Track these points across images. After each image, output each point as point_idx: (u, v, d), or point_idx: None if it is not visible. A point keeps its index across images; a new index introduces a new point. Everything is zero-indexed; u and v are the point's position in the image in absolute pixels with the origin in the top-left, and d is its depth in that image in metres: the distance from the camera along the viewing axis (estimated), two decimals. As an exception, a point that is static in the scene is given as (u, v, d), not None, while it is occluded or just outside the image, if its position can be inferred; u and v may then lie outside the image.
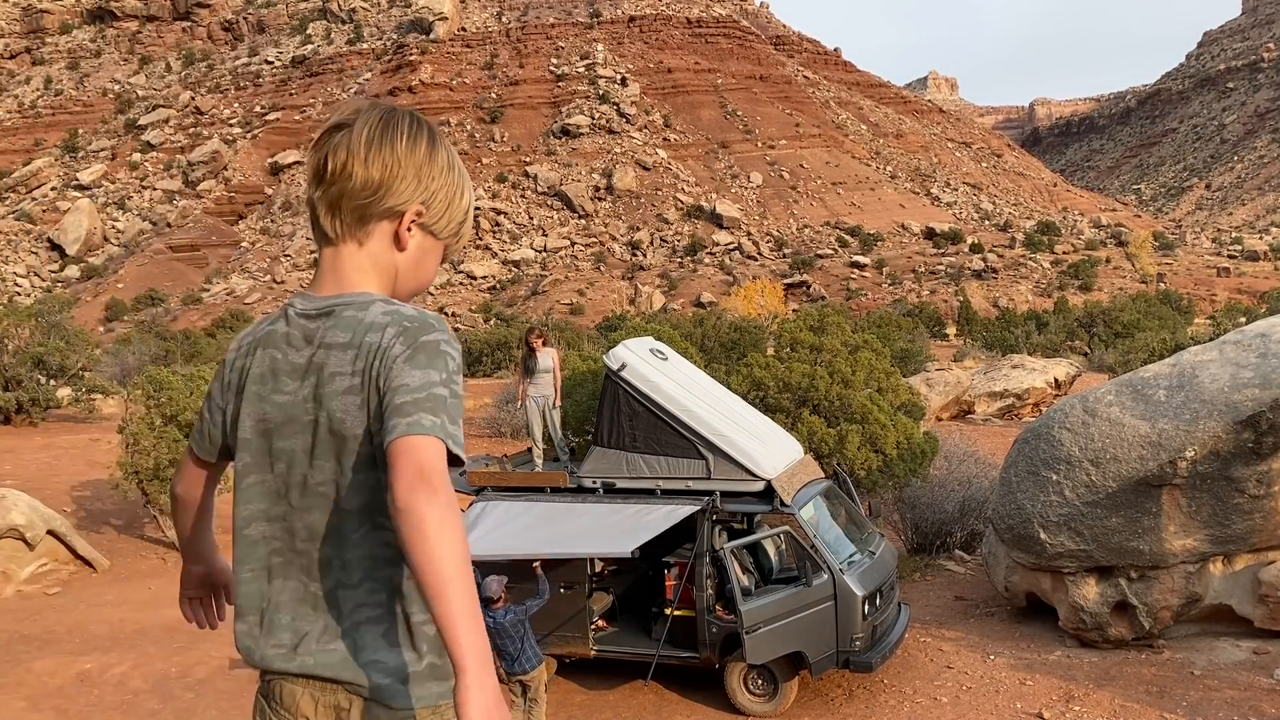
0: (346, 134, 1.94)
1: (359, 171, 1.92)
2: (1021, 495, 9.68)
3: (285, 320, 1.97)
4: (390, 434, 1.73)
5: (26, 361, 23.66)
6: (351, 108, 2.00)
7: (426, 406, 1.76)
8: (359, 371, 1.85)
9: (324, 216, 1.95)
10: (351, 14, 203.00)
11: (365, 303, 1.92)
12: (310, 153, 1.98)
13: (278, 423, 1.94)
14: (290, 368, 1.94)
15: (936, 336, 70.38)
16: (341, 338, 1.88)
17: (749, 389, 13.59)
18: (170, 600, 12.12)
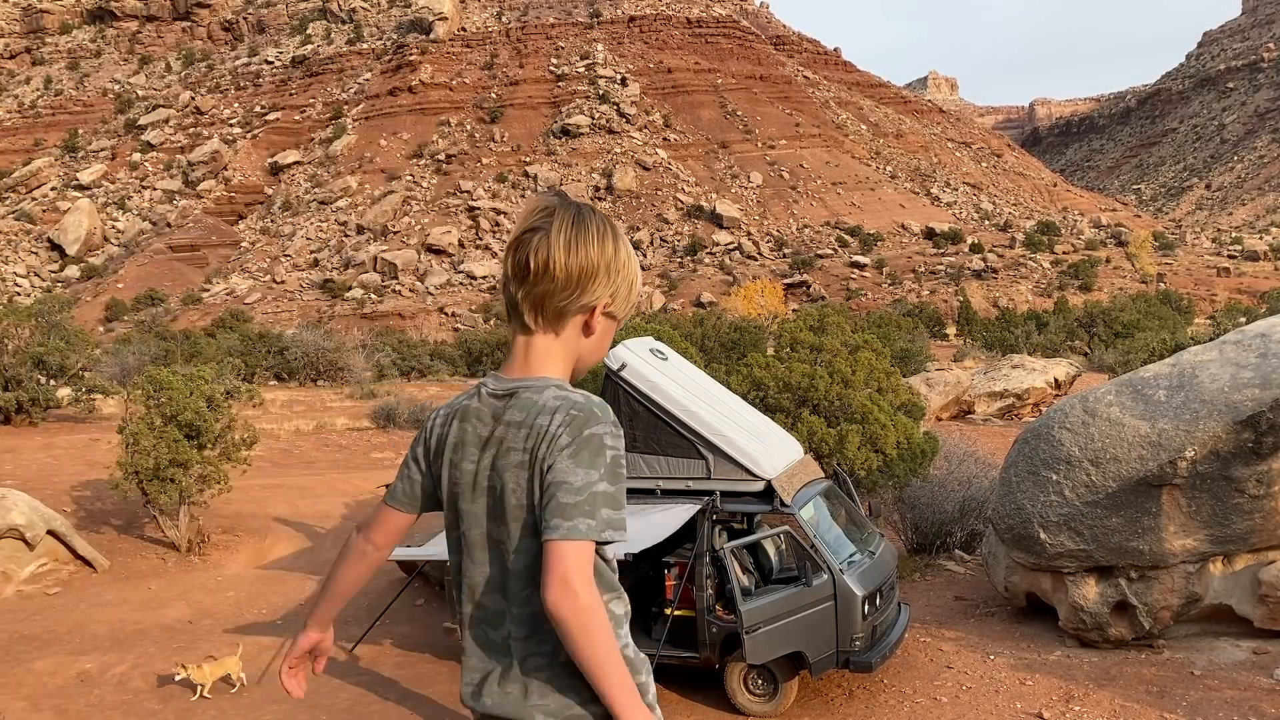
0: (544, 236, 2.18)
1: (560, 273, 2.17)
2: (1021, 495, 9.68)
3: (478, 397, 2.28)
4: (550, 532, 2.04)
5: (26, 361, 23.66)
6: (541, 208, 2.24)
7: (585, 509, 2.04)
8: (528, 450, 2.13)
9: (527, 313, 2.22)
10: (351, 14, 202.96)
11: (541, 387, 2.19)
12: (509, 252, 2.23)
13: (464, 487, 2.25)
14: (477, 439, 2.23)
15: (936, 336, 70.37)
16: (518, 417, 2.17)
17: (749, 389, 13.59)
18: (170, 600, 12.13)
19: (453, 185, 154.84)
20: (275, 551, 14.32)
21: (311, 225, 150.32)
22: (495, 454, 2.18)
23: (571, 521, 2.03)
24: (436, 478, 2.33)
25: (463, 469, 2.24)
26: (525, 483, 2.13)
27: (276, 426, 24.81)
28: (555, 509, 2.04)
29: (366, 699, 9.21)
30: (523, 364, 2.24)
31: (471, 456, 2.23)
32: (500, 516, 2.18)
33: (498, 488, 2.18)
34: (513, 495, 2.15)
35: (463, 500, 2.25)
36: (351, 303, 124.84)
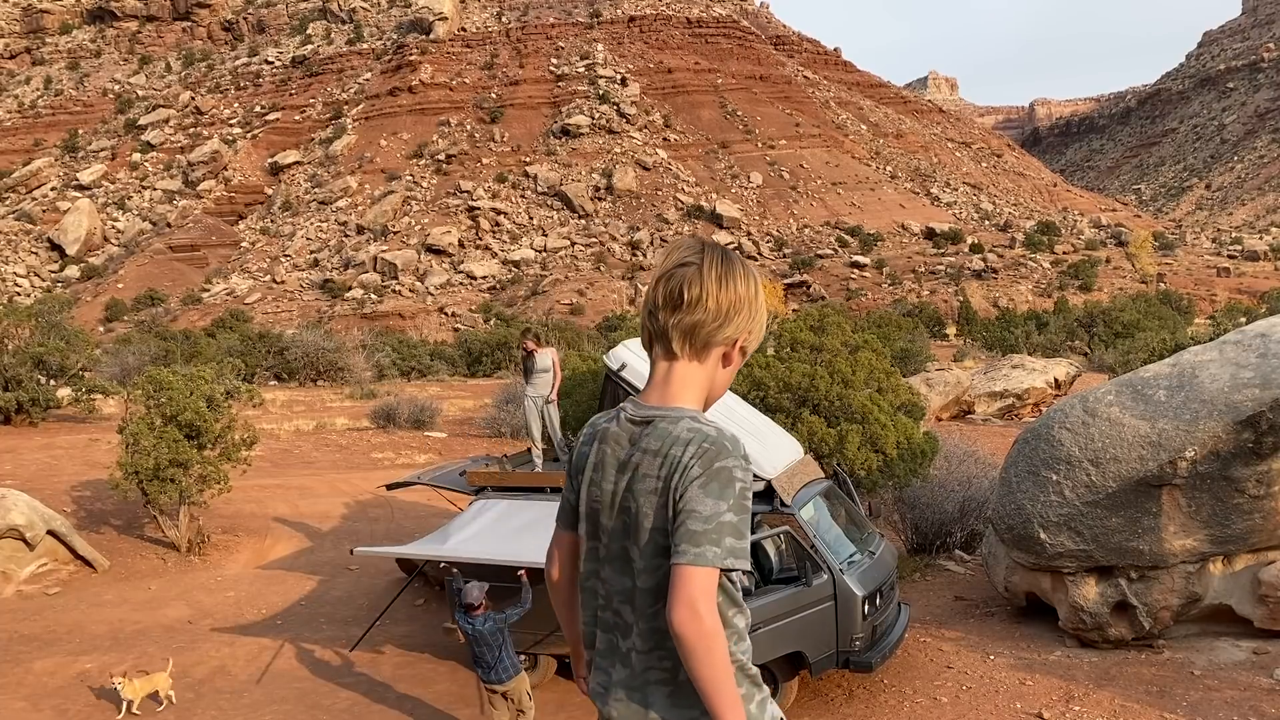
0: (697, 269, 2.34)
1: (712, 305, 2.33)
2: (1021, 495, 9.68)
3: (617, 421, 2.43)
4: (678, 557, 2.19)
5: (26, 361, 23.66)
6: (690, 246, 2.41)
7: (713, 537, 2.18)
8: (662, 478, 2.28)
9: (676, 340, 2.36)
10: (351, 14, 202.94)
11: (676, 417, 2.33)
12: (658, 283, 2.38)
13: (604, 505, 2.41)
14: (615, 462, 2.39)
15: (936, 336, 70.36)
16: (654, 445, 2.32)
17: (749, 389, 13.58)
18: (170, 600, 12.13)
19: (453, 185, 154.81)
20: (275, 551, 14.32)
21: (311, 225, 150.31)
22: (631, 478, 2.34)
23: (699, 548, 2.17)
24: (578, 493, 2.50)
25: (603, 488, 2.41)
26: (659, 508, 2.29)
27: (276, 426, 24.81)
28: (685, 535, 2.20)
29: (366, 699, 9.21)
30: (661, 391, 2.39)
31: (610, 477, 2.40)
32: (633, 536, 2.34)
33: (632, 509, 2.34)
34: (646, 519, 2.31)
35: (603, 516, 2.42)
36: (351, 303, 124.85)
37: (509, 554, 8.49)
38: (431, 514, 15.64)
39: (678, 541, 2.20)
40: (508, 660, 7.76)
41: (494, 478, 10.12)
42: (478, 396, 33.09)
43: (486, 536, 9.06)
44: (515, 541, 8.84)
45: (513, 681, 7.77)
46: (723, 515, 2.20)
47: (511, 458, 11.12)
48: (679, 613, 2.13)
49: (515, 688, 7.78)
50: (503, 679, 7.72)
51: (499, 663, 7.73)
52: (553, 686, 9.35)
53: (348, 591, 12.46)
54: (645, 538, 2.31)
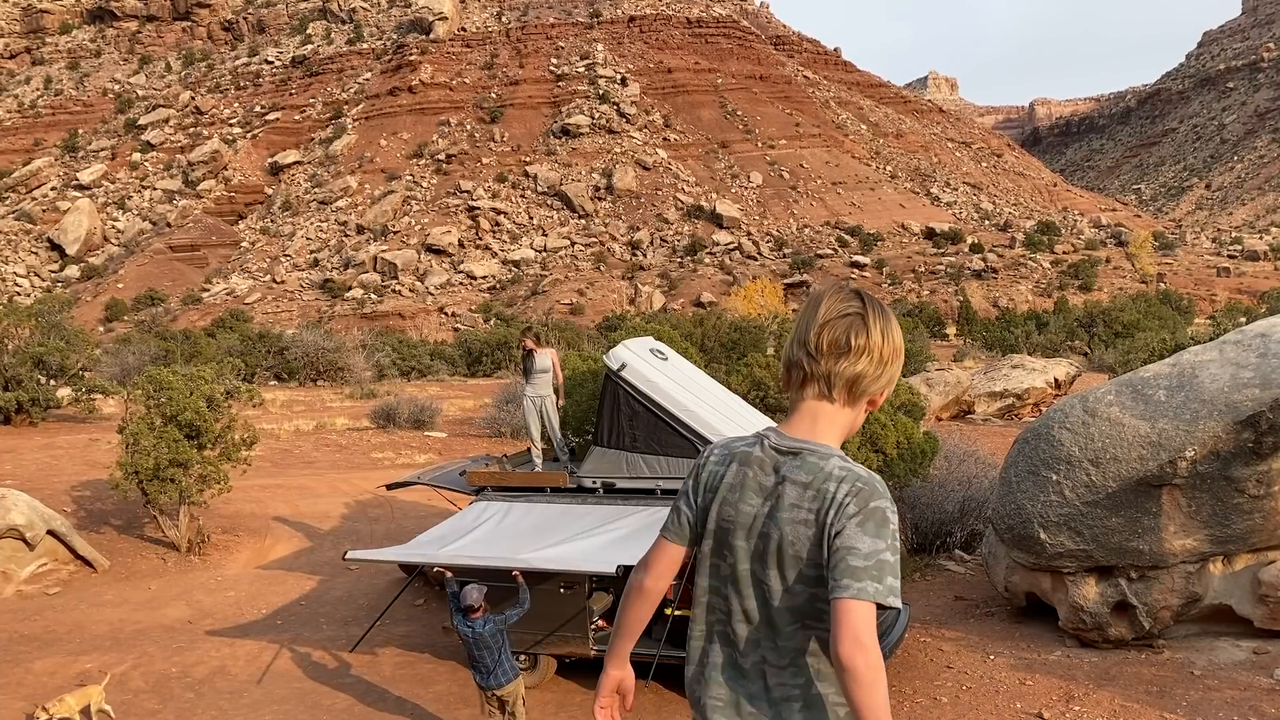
0: (860, 320, 2.45)
1: (875, 355, 2.45)
2: (1021, 495, 9.68)
3: (760, 447, 2.50)
4: (841, 591, 2.26)
5: (26, 361, 23.66)
6: (852, 298, 2.49)
7: (873, 574, 2.27)
8: (814, 511, 2.36)
9: (837, 387, 2.45)
10: (351, 14, 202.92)
11: (826, 454, 2.43)
12: (819, 330, 2.45)
13: (736, 524, 2.47)
14: (757, 486, 2.46)
15: (936, 336, 70.36)
16: (803, 478, 2.40)
17: (749, 389, 13.59)
18: (170, 600, 12.13)
19: (453, 185, 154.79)
20: (275, 551, 14.32)
21: (311, 225, 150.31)
22: (775, 505, 2.42)
23: (861, 584, 2.26)
24: (704, 510, 2.55)
25: (739, 509, 2.48)
26: (808, 539, 2.37)
27: (276, 426, 24.81)
28: (846, 571, 2.28)
29: (366, 699, 9.21)
30: (807, 426, 2.48)
31: (751, 501, 2.47)
32: (769, 560, 2.42)
33: (774, 536, 2.41)
34: (790, 546, 2.40)
35: (734, 536, 2.48)
36: (351, 303, 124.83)
37: (503, 557, 8.43)
38: (431, 514, 15.64)
39: (839, 576, 2.28)
40: (507, 663, 7.69)
41: (494, 478, 10.13)
42: (478, 396, 33.10)
43: (482, 539, 9.05)
44: (510, 543, 8.81)
45: (511, 685, 7.71)
46: (882, 554, 2.29)
47: (511, 458, 11.12)
48: (846, 646, 2.22)
49: (512, 691, 7.72)
50: (501, 683, 7.65)
51: (498, 666, 7.66)
52: (553, 686, 9.35)
53: (348, 591, 12.46)
54: (789, 564, 2.40)
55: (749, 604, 2.46)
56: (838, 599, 2.26)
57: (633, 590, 2.66)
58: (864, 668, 2.20)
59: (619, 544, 8.26)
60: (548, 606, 8.99)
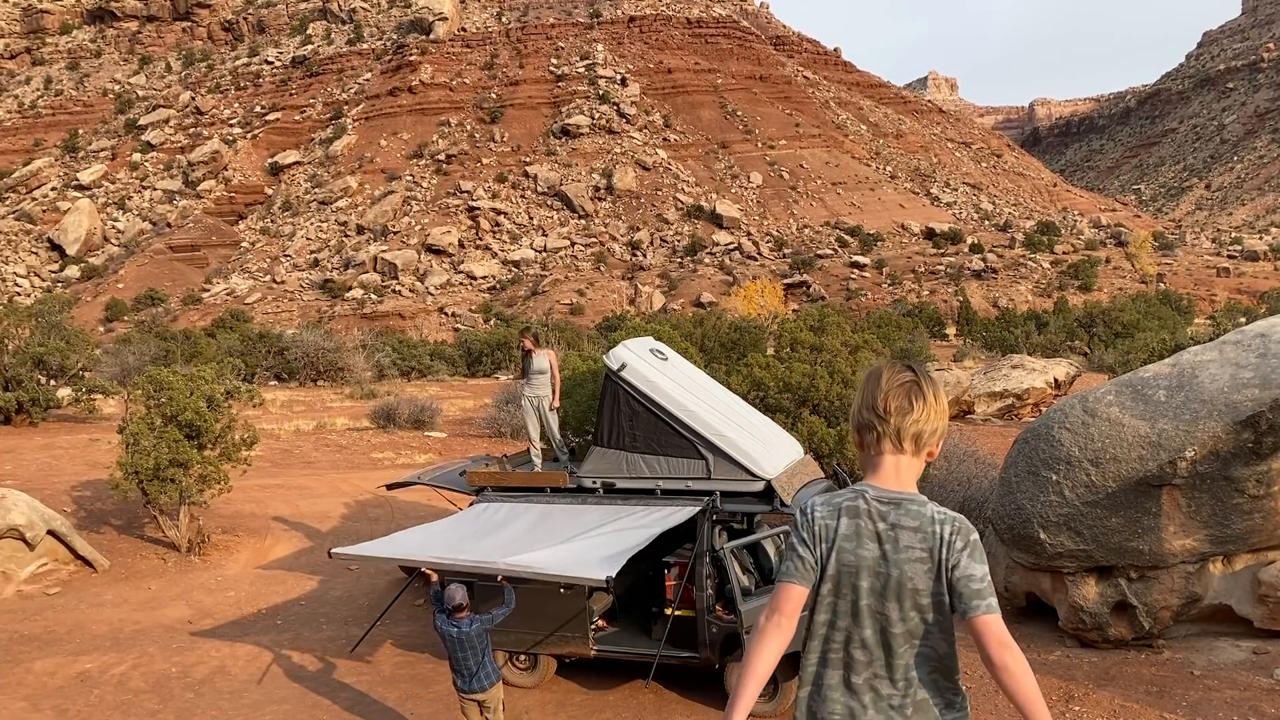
0: (916, 385, 3.02)
1: (934, 413, 3.01)
2: (1021, 495, 9.68)
3: (864, 500, 2.96)
4: (974, 611, 2.80)
5: (27, 361, 23.67)
6: (905, 368, 3.07)
7: (990, 593, 2.83)
8: (927, 550, 2.88)
9: (906, 441, 2.97)
10: (351, 14, 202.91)
11: (922, 501, 2.95)
12: (889, 394, 2.99)
13: (855, 567, 2.92)
14: (871, 533, 2.93)
15: (936, 336, 70.38)
16: (911, 523, 2.90)
17: (749, 389, 13.59)
18: (170, 600, 12.12)
19: (453, 185, 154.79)
20: (275, 551, 14.32)
21: (311, 225, 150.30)
22: (891, 548, 2.90)
23: (987, 600, 2.81)
24: (823, 557, 2.98)
25: (859, 554, 2.93)
26: (923, 572, 2.88)
27: (276, 426, 24.81)
28: (973, 594, 2.82)
29: (366, 699, 9.21)
30: (895, 479, 2.99)
31: (868, 547, 2.92)
32: (889, 594, 2.90)
33: (891, 574, 2.89)
34: (909, 580, 2.88)
35: (857, 578, 2.93)
36: (351, 303, 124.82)
37: (489, 558, 8.28)
38: (431, 514, 15.64)
39: (969, 599, 2.82)
40: (490, 666, 7.54)
41: (494, 478, 10.13)
42: (478, 396, 33.10)
43: (474, 538, 9.01)
44: (502, 544, 8.75)
45: (493, 689, 7.53)
46: (987, 575, 2.86)
47: (511, 458, 11.12)
48: (996, 650, 2.76)
49: (494, 696, 7.55)
50: (484, 686, 7.47)
51: (481, 669, 7.48)
52: (553, 686, 9.35)
53: (348, 591, 12.46)
54: (906, 596, 2.89)
55: (865, 633, 2.94)
56: (975, 616, 2.80)
57: (766, 633, 2.97)
58: (1014, 662, 2.74)
59: (613, 548, 8.19)
60: (548, 606, 8.98)
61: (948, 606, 2.90)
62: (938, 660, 2.96)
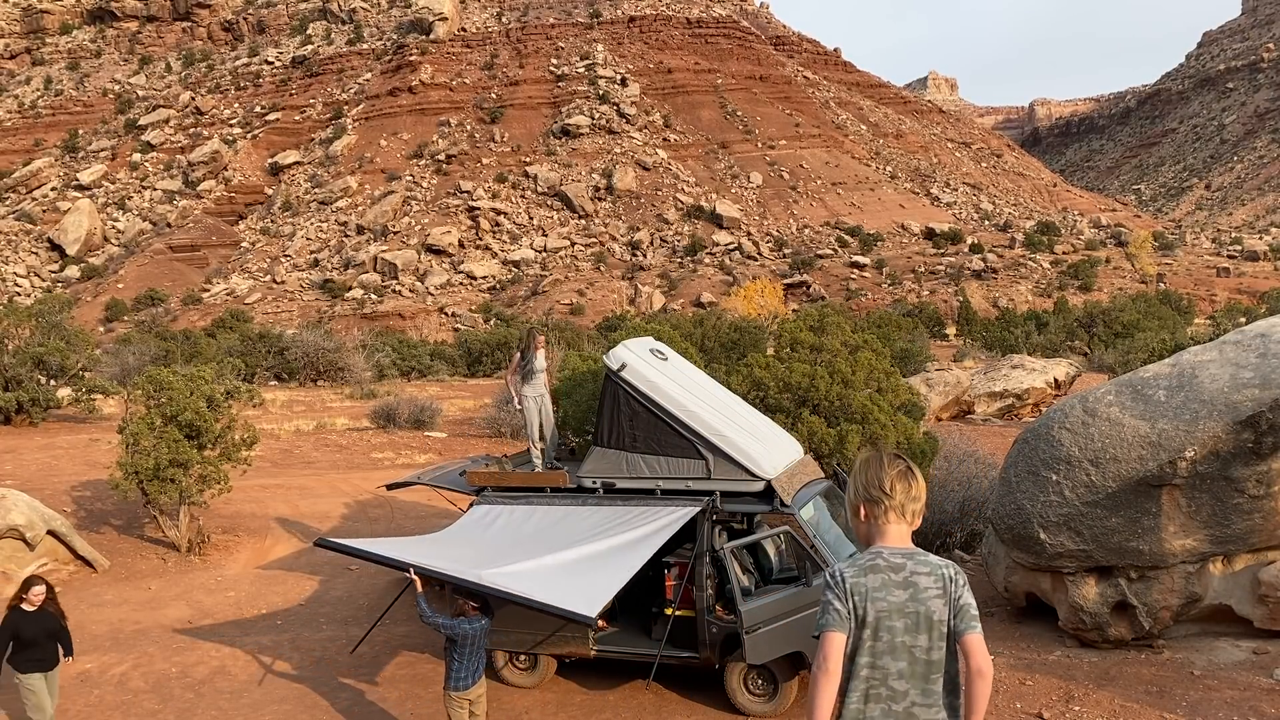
0: (910, 471, 3.72)
1: (924, 492, 3.76)
2: (1021, 495, 9.68)
3: (882, 559, 3.65)
4: (970, 630, 3.61)
5: (27, 361, 23.67)
6: (898, 456, 3.76)
7: (978, 617, 3.66)
8: (941, 588, 3.62)
9: (910, 514, 3.73)
10: (351, 14, 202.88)
11: (925, 553, 3.70)
12: (897, 478, 3.71)
13: (889, 611, 3.59)
14: (894, 582, 3.61)
15: (936, 336, 70.36)
16: (924, 569, 3.64)
17: (749, 389, 13.58)
18: (170, 600, 12.12)
19: (453, 185, 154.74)
20: (275, 551, 14.31)
21: (311, 225, 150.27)
22: (914, 592, 3.60)
23: (977, 623, 3.64)
24: (859, 608, 3.60)
25: (889, 600, 3.59)
26: (941, 606, 3.60)
27: (276, 426, 24.81)
28: (971, 618, 3.62)
29: (366, 699, 9.21)
30: (900, 541, 3.71)
31: (895, 593, 3.60)
32: (920, 628, 3.59)
33: (920, 611, 3.59)
34: (934, 614, 3.60)
35: (890, 620, 3.59)
36: (352, 303, 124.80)
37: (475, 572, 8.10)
38: (431, 514, 15.65)
39: (968, 621, 3.61)
40: (481, 665, 7.70)
41: (494, 478, 10.12)
42: (478, 396, 33.10)
43: (470, 546, 8.97)
44: (497, 554, 8.67)
45: (481, 685, 7.72)
46: (975, 605, 3.68)
47: (511, 458, 11.12)
48: (984, 661, 3.56)
49: (481, 693, 7.73)
50: (476, 682, 7.64)
51: (481, 666, 7.66)
52: (553, 686, 9.35)
53: (348, 591, 12.46)
54: (934, 628, 3.60)
55: (902, 664, 3.59)
56: (970, 634, 3.60)
57: (820, 682, 3.55)
58: (990, 671, 3.58)
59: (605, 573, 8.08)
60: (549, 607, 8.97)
61: (953, 630, 3.63)
62: (950, 680, 3.64)
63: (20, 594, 8.15)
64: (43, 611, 8.12)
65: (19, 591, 8.20)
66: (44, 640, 8.08)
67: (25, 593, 8.12)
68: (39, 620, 8.07)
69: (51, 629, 8.14)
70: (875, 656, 3.59)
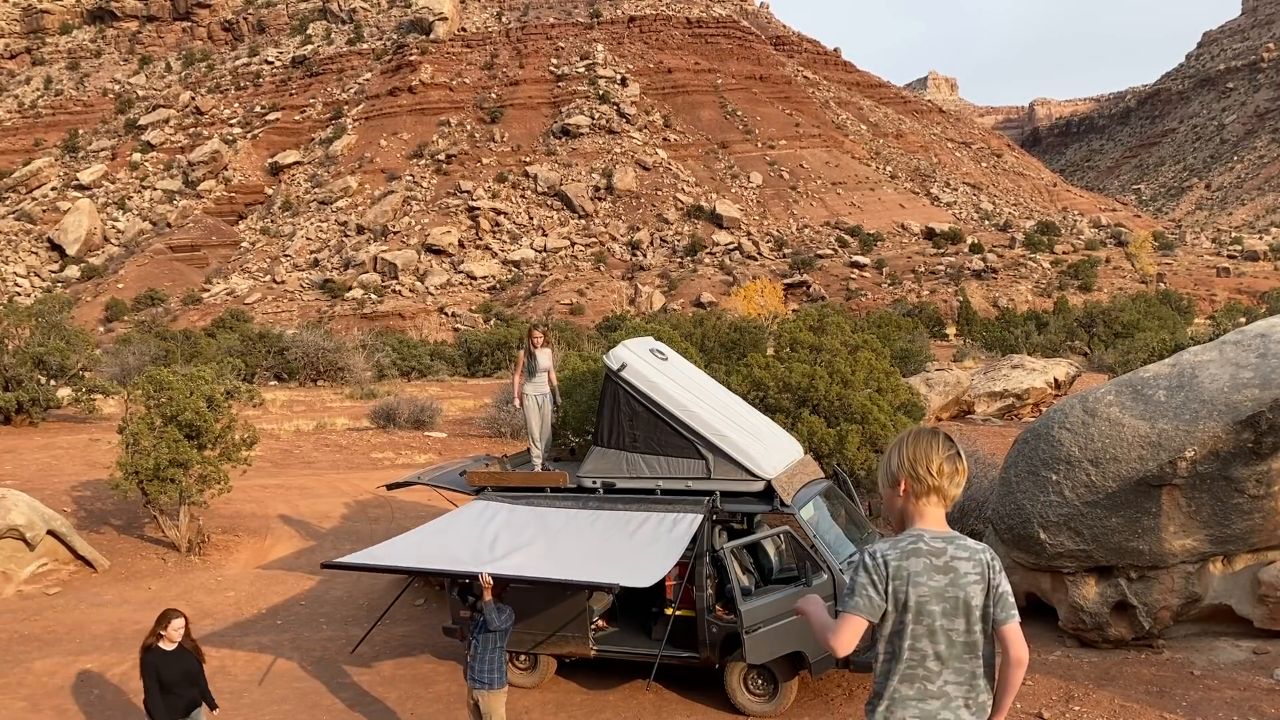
0: (958, 455, 3.67)
1: (965, 476, 3.70)
2: (1021, 495, 9.68)
3: (923, 543, 3.60)
4: (1010, 619, 3.61)
5: (27, 361, 23.66)
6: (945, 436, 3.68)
7: (1016, 605, 3.67)
8: (980, 574, 3.61)
9: (948, 498, 3.67)
10: (351, 14, 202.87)
11: (964, 538, 3.67)
12: (945, 460, 3.65)
13: (929, 596, 3.57)
14: (935, 567, 3.59)
15: (936, 336, 70.35)
16: (964, 554, 3.61)
17: (749, 389, 13.58)
18: (170, 600, 12.12)
19: (453, 185, 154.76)
20: (275, 551, 14.31)
21: (311, 225, 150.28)
22: (954, 576, 3.58)
23: (1016, 611, 3.65)
24: (898, 593, 3.58)
25: (930, 585, 3.57)
26: (980, 592, 3.59)
27: (276, 426, 24.80)
28: (1008, 605, 3.62)
29: (366, 699, 9.21)
30: (939, 523, 3.67)
31: (936, 578, 3.58)
32: (958, 612, 3.58)
33: (959, 596, 3.57)
34: (973, 599, 3.58)
35: (930, 604, 3.57)
36: (351, 303, 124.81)
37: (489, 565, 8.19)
38: (431, 514, 15.63)
39: (1007, 608, 3.61)
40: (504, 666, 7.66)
41: (494, 478, 10.12)
42: (478, 396, 33.10)
43: (473, 543, 8.97)
44: (495, 553, 8.68)
45: (503, 691, 7.58)
46: (1012, 591, 3.68)
47: (511, 458, 11.12)
48: (1023, 650, 3.60)
49: (497, 699, 7.60)
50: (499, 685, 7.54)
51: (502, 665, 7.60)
52: (553, 686, 9.35)
53: (348, 591, 12.46)
54: (972, 612, 3.59)
55: (939, 647, 3.59)
56: (1009, 623, 3.60)
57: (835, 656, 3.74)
58: (1026, 660, 3.63)
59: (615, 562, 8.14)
60: (548, 606, 8.98)
61: (991, 617, 3.62)
62: (987, 664, 3.66)
63: (158, 630, 7.19)
64: (181, 650, 7.25)
65: (155, 628, 7.23)
66: (183, 684, 7.22)
67: (164, 628, 7.17)
68: (178, 660, 7.19)
69: (191, 671, 7.29)
70: (915, 640, 3.59)
